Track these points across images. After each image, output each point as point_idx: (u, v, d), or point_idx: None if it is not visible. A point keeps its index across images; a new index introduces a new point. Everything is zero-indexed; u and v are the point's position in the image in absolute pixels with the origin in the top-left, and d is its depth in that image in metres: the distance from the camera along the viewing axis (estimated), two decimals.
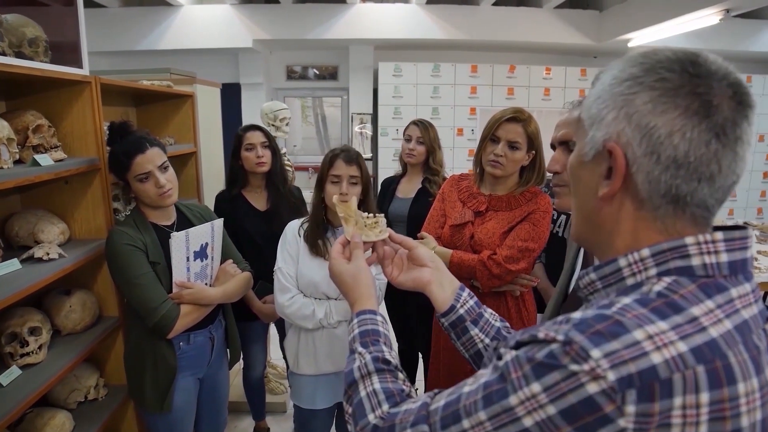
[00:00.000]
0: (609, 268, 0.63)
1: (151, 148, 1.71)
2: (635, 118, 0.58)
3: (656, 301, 0.55)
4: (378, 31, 5.70)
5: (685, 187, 0.57)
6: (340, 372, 1.87)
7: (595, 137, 0.63)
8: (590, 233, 0.69)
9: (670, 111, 0.56)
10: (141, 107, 2.65)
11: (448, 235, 1.97)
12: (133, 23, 5.51)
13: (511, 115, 1.86)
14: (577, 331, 0.54)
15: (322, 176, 1.82)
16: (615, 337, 0.52)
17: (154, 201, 1.73)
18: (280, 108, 3.22)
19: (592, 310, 0.57)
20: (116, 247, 1.65)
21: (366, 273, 0.94)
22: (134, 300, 1.66)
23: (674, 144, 0.56)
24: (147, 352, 1.73)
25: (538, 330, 0.58)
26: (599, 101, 0.63)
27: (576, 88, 6.02)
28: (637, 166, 0.59)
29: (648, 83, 0.58)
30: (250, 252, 2.17)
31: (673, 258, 0.58)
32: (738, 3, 4.18)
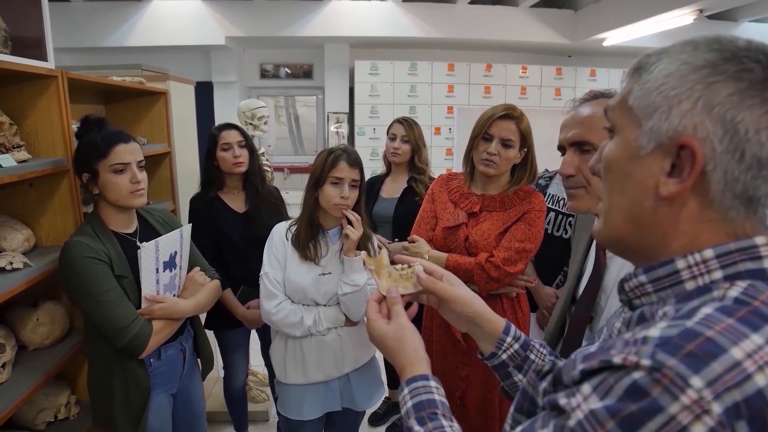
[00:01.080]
0: (664, 270, 0.56)
1: (134, 142, 1.61)
2: (718, 110, 0.52)
3: (741, 310, 0.48)
4: (354, 29, 5.61)
5: (764, 188, 0.53)
6: (330, 381, 1.81)
7: (660, 128, 0.55)
8: (634, 235, 0.61)
9: (759, 106, 0.51)
10: (111, 105, 2.51)
11: (441, 237, 1.90)
12: (100, 18, 5.29)
13: (503, 112, 1.80)
14: (665, 353, 0.46)
15: (319, 176, 1.72)
16: (713, 359, 0.45)
17: (123, 198, 1.56)
18: (258, 106, 3.11)
19: (665, 323, 0.50)
20: (76, 261, 1.46)
21: (411, 332, 0.84)
22: (100, 319, 1.48)
23: (761, 142, 0.51)
24: (115, 372, 1.57)
25: (611, 352, 0.49)
26: (665, 88, 0.55)
27: (552, 86, 6.07)
28: (715, 164, 0.53)
29: (732, 73, 0.52)
30: (231, 256, 2.07)
31: (743, 260, 0.53)
32: (711, 3, 4.25)
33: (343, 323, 1.78)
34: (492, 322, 0.90)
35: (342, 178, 1.69)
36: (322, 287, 1.74)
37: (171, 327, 1.64)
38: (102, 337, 1.54)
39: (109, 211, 1.61)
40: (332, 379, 1.80)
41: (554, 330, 1.43)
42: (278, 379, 1.84)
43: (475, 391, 1.87)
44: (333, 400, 1.82)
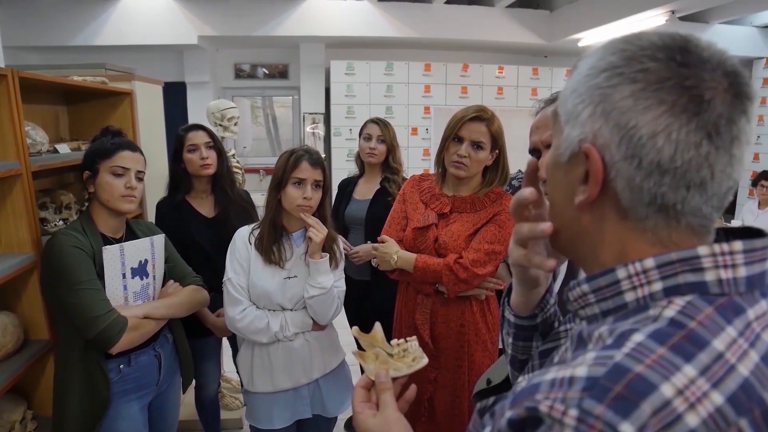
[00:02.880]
0: (604, 280, 0.53)
1: (141, 154, 1.69)
2: (613, 115, 0.50)
3: (674, 336, 0.45)
4: (329, 29, 5.57)
5: (672, 196, 0.49)
6: (299, 388, 1.76)
7: (571, 136, 0.54)
8: (571, 243, 0.60)
9: (654, 108, 0.48)
10: (73, 106, 2.43)
11: (411, 238, 1.88)
12: (67, 16, 5.15)
13: (474, 114, 1.78)
14: (592, 399, 0.42)
15: (281, 178, 1.68)
16: (642, 399, 0.41)
17: (114, 200, 1.59)
18: (227, 107, 3.04)
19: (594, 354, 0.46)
20: (62, 248, 1.50)
21: (398, 427, 0.74)
22: (76, 308, 1.48)
23: (658, 147, 0.48)
24: (74, 377, 1.54)
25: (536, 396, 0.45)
26: (574, 95, 0.54)
27: (528, 87, 6.09)
28: (616, 172, 0.50)
29: (629, 74, 0.50)
30: (200, 262, 2.00)
31: (683, 271, 0.49)
32: (683, 5, 4.31)
33: (310, 327, 1.74)
34: None
35: (304, 178, 1.65)
36: (288, 291, 1.70)
37: (145, 328, 1.60)
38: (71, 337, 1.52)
39: (100, 213, 1.64)
40: (301, 386, 1.76)
41: None
42: (245, 387, 1.79)
43: (444, 393, 1.85)
44: (303, 407, 1.78)
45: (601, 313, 0.54)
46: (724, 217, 5.55)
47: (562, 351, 0.61)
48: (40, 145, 1.82)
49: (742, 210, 5.08)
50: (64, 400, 1.55)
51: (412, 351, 0.84)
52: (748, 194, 5.98)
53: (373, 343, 0.87)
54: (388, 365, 0.80)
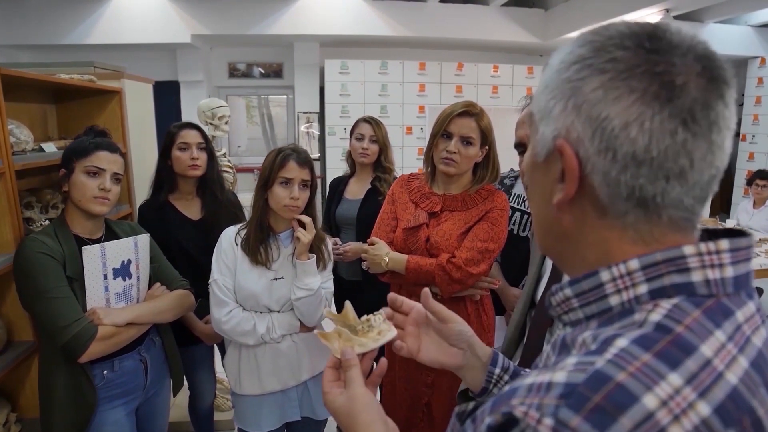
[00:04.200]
0: (588, 283, 0.51)
1: (120, 156, 1.64)
2: (584, 108, 0.48)
3: (660, 341, 0.43)
4: (324, 27, 5.55)
5: (650, 188, 0.47)
6: (287, 390, 1.74)
7: (545, 134, 0.52)
8: (555, 244, 0.58)
9: (624, 97, 0.46)
10: (62, 104, 2.40)
11: (401, 238, 1.85)
12: (59, 14, 5.12)
13: (462, 109, 1.76)
14: (569, 408, 0.40)
15: (268, 177, 1.65)
16: (622, 412, 0.39)
17: (85, 200, 1.55)
18: (218, 105, 3.02)
19: (575, 360, 0.44)
20: (28, 255, 1.45)
21: (362, 403, 0.72)
22: (43, 316, 1.45)
23: (631, 137, 0.46)
24: (59, 384, 1.50)
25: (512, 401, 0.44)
26: (546, 91, 0.52)
27: (523, 86, 6.09)
28: (592, 167, 0.48)
29: (597, 65, 0.48)
30: (186, 268, 1.94)
31: (669, 272, 0.47)
32: (677, 3, 4.31)
33: (297, 329, 1.72)
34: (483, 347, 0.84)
35: (291, 178, 1.63)
36: (275, 293, 1.67)
37: (122, 335, 1.55)
38: (49, 340, 1.49)
39: (74, 215, 1.59)
40: (289, 388, 1.74)
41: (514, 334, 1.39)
42: (233, 390, 1.77)
43: (442, 397, 1.82)
44: (291, 409, 1.76)
45: (585, 317, 0.52)
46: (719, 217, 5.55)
47: (544, 357, 0.60)
48: (24, 143, 1.79)
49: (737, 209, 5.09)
50: (50, 407, 1.51)
51: (377, 325, 0.81)
52: (743, 193, 5.98)
53: (345, 321, 0.85)
54: (352, 342, 0.78)
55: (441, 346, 0.83)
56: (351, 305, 0.89)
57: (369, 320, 0.81)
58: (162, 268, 1.81)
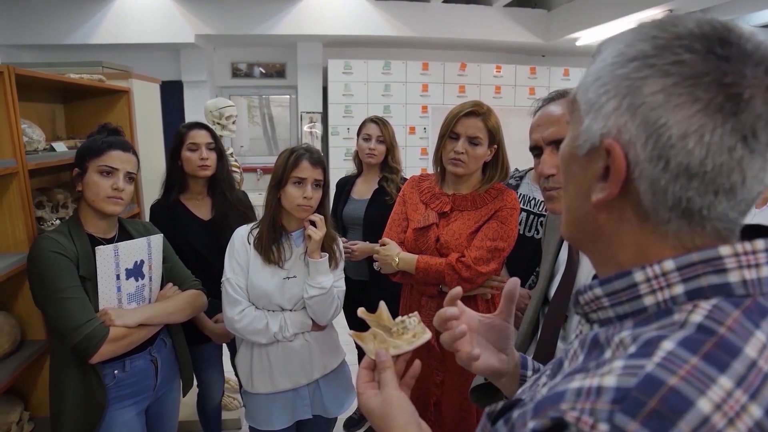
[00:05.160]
0: (620, 283, 0.50)
1: (133, 155, 1.64)
2: (641, 111, 0.46)
3: (705, 343, 0.42)
4: (327, 27, 5.55)
5: (698, 201, 0.46)
6: (299, 388, 1.75)
7: (592, 128, 0.50)
8: (585, 239, 0.57)
9: (687, 106, 0.44)
10: (69, 104, 2.41)
11: (412, 239, 1.86)
12: (63, 14, 5.11)
13: (469, 109, 1.77)
14: (624, 414, 0.39)
15: (281, 177, 1.65)
16: (679, 417, 0.38)
17: (99, 200, 1.54)
18: (225, 105, 3.02)
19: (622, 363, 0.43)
20: (41, 254, 1.44)
21: (398, 406, 0.72)
22: (55, 316, 1.44)
23: (688, 149, 0.44)
24: (69, 383, 1.49)
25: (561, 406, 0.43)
26: (598, 83, 0.50)
27: (526, 86, 6.09)
28: (640, 172, 0.47)
29: (661, 66, 0.45)
30: (196, 267, 1.94)
31: (706, 273, 0.46)
32: (681, 4, 4.30)
33: (310, 328, 1.72)
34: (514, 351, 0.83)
35: (304, 178, 1.64)
36: (287, 291, 1.68)
37: (133, 336, 1.54)
38: (61, 342, 1.48)
39: (88, 214, 1.59)
40: (301, 386, 1.75)
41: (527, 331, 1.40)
42: (245, 388, 1.77)
43: (451, 396, 1.83)
44: (303, 408, 1.76)
45: (616, 316, 0.51)
46: None
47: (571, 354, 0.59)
48: (36, 143, 1.80)
49: None
50: (60, 406, 1.51)
51: (411, 327, 0.81)
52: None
53: (380, 322, 0.85)
54: (387, 344, 0.78)
55: (492, 352, 0.82)
56: (385, 306, 0.89)
57: (404, 322, 0.82)
58: (174, 267, 1.81)
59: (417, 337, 0.79)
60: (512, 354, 0.82)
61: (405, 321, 0.82)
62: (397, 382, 0.75)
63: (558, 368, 0.59)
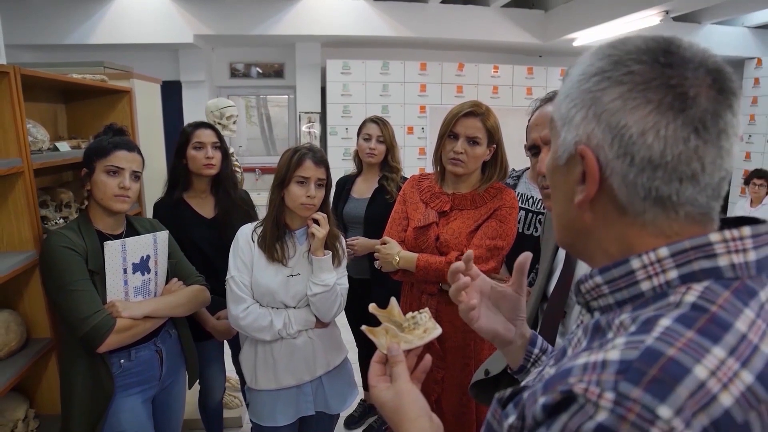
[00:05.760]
0: (618, 271, 0.54)
1: (138, 155, 1.70)
2: (604, 117, 0.53)
3: (699, 319, 0.47)
4: (325, 28, 5.56)
5: (665, 189, 0.52)
6: (302, 385, 1.77)
7: (567, 139, 0.57)
8: (577, 241, 0.62)
9: (641, 107, 0.51)
10: (71, 104, 2.42)
11: (412, 237, 1.88)
12: (62, 14, 5.11)
13: (468, 110, 1.79)
14: (628, 382, 0.43)
15: (284, 176, 1.68)
16: (678, 382, 0.42)
17: (106, 199, 1.61)
18: (226, 105, 3.04)
19: (624, 339, 0.48)
20: (52, 249, 1.52)
21: (410, 400, 0.75)
22: (65, 308, 1.52)
23: (648, 143, 0.50)
24: (78, 372, 1.57)
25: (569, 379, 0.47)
26: (567, 100, 0.57)
27: (523, 86, 6.12)
28: (611, 170, 0.53)
29: (616, 77, 0.52)
30: (199, 265, 1.97)
31: (697, 258, 0.51)
32: (676, 5, 4.34)
33: (313, 325, 1.74)
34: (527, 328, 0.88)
35: (308, 177, 1.66)
36: (291, 289, 1.70)
37: (139, 328, 1.61)
38: (70, 335, 1.55)
39: (97, 212, 1.66)
40: (304, 383, 1.77)
41: None
42: (249, 385, 1.79)
43: (451, 394, 1.85)
44: (306, 404, 1.78)
45: (615, 303, 0.55)
46: None
47: (574, 342, 0.63)
48: (41, 142, 1.81)
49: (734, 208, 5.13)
50: (70, 395, 1.57)
51: (422, 322, 0.85)
52: (740, 193, 6.03)
53: (391, 317, 0.88)
54: (398, 339, 0.81)
55: (498, 318, 0.87)
56: (396, 302, 0.91)
57: (415, 318, 0.84)
58: (180, 263, 1.86)
59: (428, 332, 0.82)
60: (521, 327, 0.87)
61: (416, 316, 0.84)
62: (409, 376, 0.78)
63: (561, 356, 0.63)
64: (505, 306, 0.87)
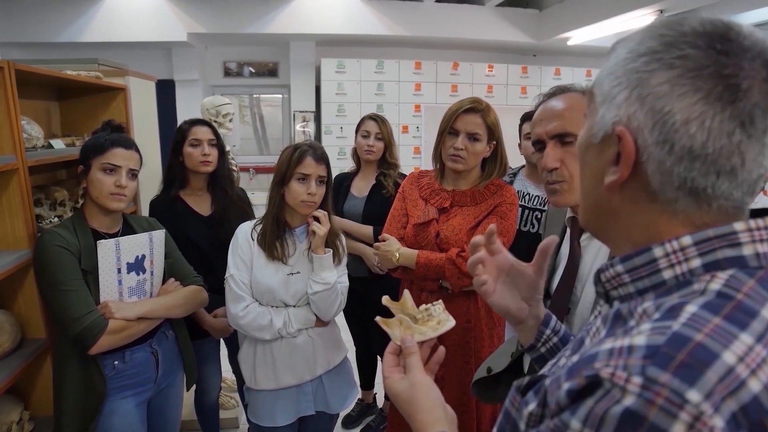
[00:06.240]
0: (640, 259, 0.53)
1: (136, 152, 1.66)
2: (649, 100, 0.51)
3: (725, 307, 0.46)
4: (320, 27, 5.54)
5: (701, 181, 0.50)
6: (302, 384, 1.75)
7: (605, 118, 0.55)
8: (601, 223, 0.61)
9: (690, 95, 0.49)
10: (65, 101, 2.39)
11: (412, 234, 1.87)
12: (54, 12, 5.05)
13: (468, 106, 1.78)
14: (656, 366, 0.42)
15: (285, 173, 1.66)
16: (707, 367, 0.42)
17: (102, 197, 1.58)
18: (222, 103, 3.02)
19: (649, 325, 0.47)
20: (45, 248, 1.49)
21: (424, 389, 0.76)
22: (57, 307, 1.49)
23: (690, 133, 0.49)
24: (70, 373, 1.54)
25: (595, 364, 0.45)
26: (612, 77, 0.55)
27: (518, 85, 6.12)
28: (648, 155, 0.52)
29: (667, 60, 0.50)
30: (195, 262, 1.96)
31: (721, 247, 0.50)
32: (671, 4, 4.36)
33: (313, 324, 1.73)
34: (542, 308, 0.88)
35: (308, 174, 1.64)
36: (291, 287, 1.68)
37: (133, 329, 1.57)
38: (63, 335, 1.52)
39: (92, 210, 1.63)
40: (304, 382, 1.75)
41: None
42: (248, 385, 1.77)
43: (451, 391, 1.84)
44: (306, 404, 1.76)
45: (636, 291, 0.54)
46: None
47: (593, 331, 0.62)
48: (35, 140, 1.78)
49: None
50: (62, 396, 1.54)
51: (436, 314, 0.85)
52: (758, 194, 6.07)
53: (404, 310, 0.88)
54: (412, 330, 0.81)
55: (514, 296, 0.86)
56: (410, 294, 0.92)
57: (428, 310, 0.85)
58: (177, 263, 1.83)
59: (441, 324, 0.82)
60: (536, 307, 0.86)
61: (430, 308, 0.85)
62: (423, 367, 0.78)
63: (579, 346, 0.62)
64: (522, 284, 0.86)
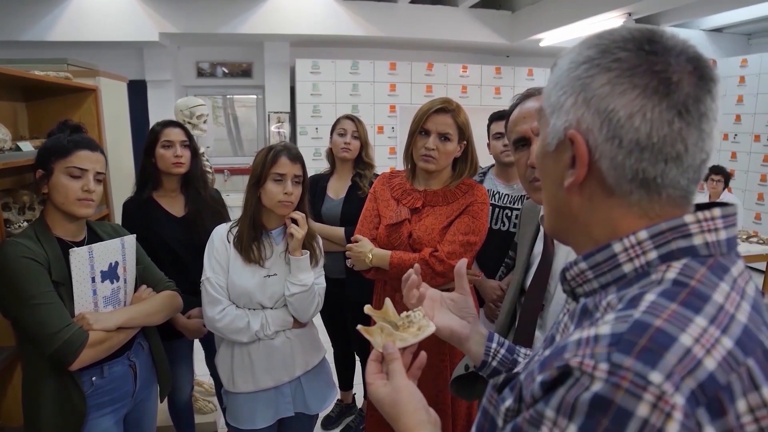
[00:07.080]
0: (601, 255, 0.58)
1: (101, 155, 1.56)
2: (593, 102, 0.55)
3: (681, 293, 0.50)
4: (294, 27, 5.52)
5: (652, 170, 0.54)
6: (280, 386, 1.75)
7: (556, 126, 0.60)
8: (565, 226, 0.65)
9: (629, 92, 0.54)
10: (32, 103, 2.33)
11: (384, 235, 1.88)
12: (18, 9, 4.92)
13: (439, 106, 1.81)
14: (620, 352, 0.46)
15: (260, 174, 1.65)
16: (666, 349, 0.46)
17: (69, 203, 1.47)
18: (196, 104, 2.98)
19: (613, 315, 0.51)
20: (10, 260, 1.36)
21: (407, 394, 0.77)
22: (30, 324, 1.37)
23: (635, 126, 0.53)
24: (46, 392, 1.42)
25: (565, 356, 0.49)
26: (557, 88, 0.60)
27: (491, 85, 6.21)
28: (600, 153, 0.56)
29: (604, 64, 0.55)
30: (169, 264, 1.93)
31: (675, 238, 0.55)
32: (638, 8, 4.49)
33: (291, 325, 1.73)
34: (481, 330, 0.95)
35: (284, 174, 1.64)
36: (268, 289, 1.68)
37: (113, 340, 1.49)
38: (34, 348, 1.41)
39: (55, 217, 1.51)
40: (283, 384, 1.75)
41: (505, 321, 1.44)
42: (226, 388, 1.76)
43: (427, 389, 1.83)
44: (285, 405, 1.76)
45: (600, 286, 0.58)
46: None
47: (561, 328, 0.66)
48: (2, 142, 1.74)
49: None
50: (36, 418, 1.43)
51: (417, 321, 0.87)
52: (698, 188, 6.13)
53: (386, 317, 0.90)
54: (394, 337, 0.83)
55: (452, 317, 0.95)
56: (391, 302, 0.95)
57: (409, 316, 0.87)
58: (148, 269, 1.76)
59: (422, 330, 0.85)
60: (476, 324, 0.95)
61: (410, 315, 0.87)
62: (405, 372, 0.80)
63: (550, 343, 0.66)
64: (455, 307, 0.96)
